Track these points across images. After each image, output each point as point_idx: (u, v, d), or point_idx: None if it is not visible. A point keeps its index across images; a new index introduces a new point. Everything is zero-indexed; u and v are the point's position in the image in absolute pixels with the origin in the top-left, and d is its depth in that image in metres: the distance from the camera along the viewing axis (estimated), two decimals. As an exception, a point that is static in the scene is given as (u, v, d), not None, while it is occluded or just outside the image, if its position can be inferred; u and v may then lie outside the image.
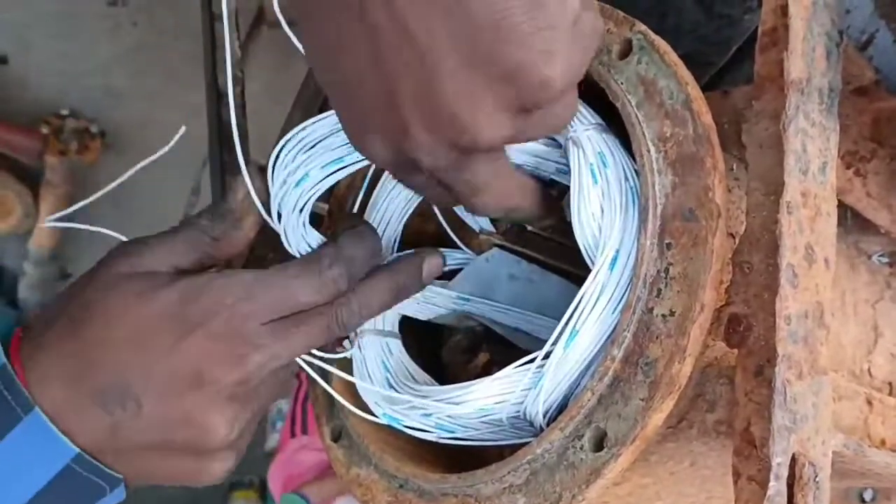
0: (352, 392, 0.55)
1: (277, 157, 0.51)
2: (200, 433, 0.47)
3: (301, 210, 0.51)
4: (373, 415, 0.54)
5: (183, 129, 0.53)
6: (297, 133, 0.51)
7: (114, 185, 0.55)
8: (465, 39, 0.37)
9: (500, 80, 0.38)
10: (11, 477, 0.46)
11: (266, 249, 0.79)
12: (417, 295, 0.58)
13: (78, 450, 0.46)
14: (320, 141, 0.51)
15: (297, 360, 0.50)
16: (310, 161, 0.51)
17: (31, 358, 0.47)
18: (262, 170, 0.51)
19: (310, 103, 0.82)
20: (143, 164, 0.54)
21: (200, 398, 0.47)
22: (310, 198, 0.52)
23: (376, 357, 0.56)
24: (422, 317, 0.59)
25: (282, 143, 0.51)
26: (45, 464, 0.46)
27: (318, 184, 0.52)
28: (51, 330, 0.48)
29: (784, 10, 0.44)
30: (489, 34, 0.37)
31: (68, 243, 1.97)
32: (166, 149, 0.54)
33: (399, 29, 0.37)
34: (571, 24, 0.38)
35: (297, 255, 0.52)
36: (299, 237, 0.52)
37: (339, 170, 0.52)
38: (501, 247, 0.59)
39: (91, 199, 0.55)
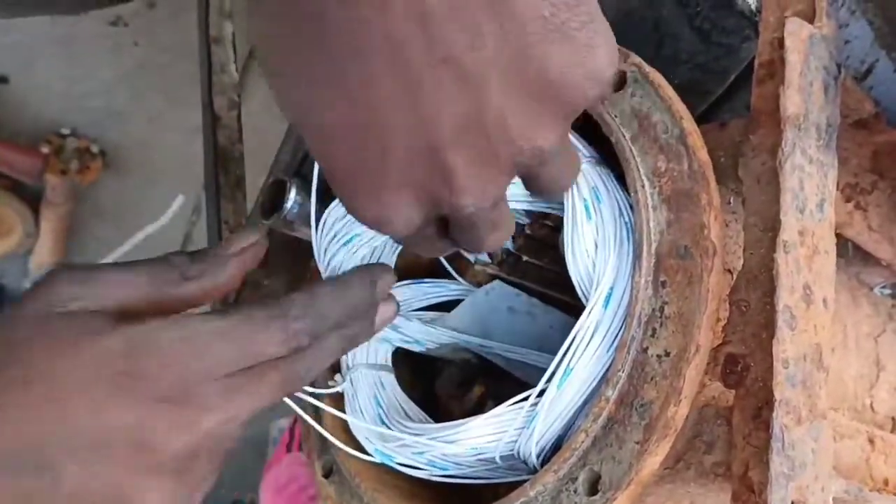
0: (343, 428, 0.54)
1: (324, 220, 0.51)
2: None
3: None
4: (365, 451, 0.53)
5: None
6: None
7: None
8: (511, 48, 0.33)
9: (551, 85, 0.34)
10: None
11: (260, 275, 0.77)
12: (415, 328, 0.57)
13: None
14: None
15: (286, 399, 0.49)
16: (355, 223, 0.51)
17: None
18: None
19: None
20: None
21: (135, 469, 0.38)
22: (356, 252, 0.52)
23: (368, 392, 0.55)
24: (417, 349, 0.58)
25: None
26: None
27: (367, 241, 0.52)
28: None
29: (780, 43, 0.43)
30: (535, 36, 0.33)
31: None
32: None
33: (437, 50, 0.32)
34: (601, 14, 0.36)
35: None
36: None
37: None
38: (499, 278, 0.58)
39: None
